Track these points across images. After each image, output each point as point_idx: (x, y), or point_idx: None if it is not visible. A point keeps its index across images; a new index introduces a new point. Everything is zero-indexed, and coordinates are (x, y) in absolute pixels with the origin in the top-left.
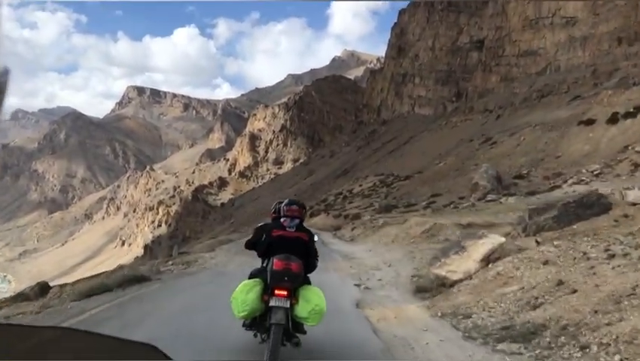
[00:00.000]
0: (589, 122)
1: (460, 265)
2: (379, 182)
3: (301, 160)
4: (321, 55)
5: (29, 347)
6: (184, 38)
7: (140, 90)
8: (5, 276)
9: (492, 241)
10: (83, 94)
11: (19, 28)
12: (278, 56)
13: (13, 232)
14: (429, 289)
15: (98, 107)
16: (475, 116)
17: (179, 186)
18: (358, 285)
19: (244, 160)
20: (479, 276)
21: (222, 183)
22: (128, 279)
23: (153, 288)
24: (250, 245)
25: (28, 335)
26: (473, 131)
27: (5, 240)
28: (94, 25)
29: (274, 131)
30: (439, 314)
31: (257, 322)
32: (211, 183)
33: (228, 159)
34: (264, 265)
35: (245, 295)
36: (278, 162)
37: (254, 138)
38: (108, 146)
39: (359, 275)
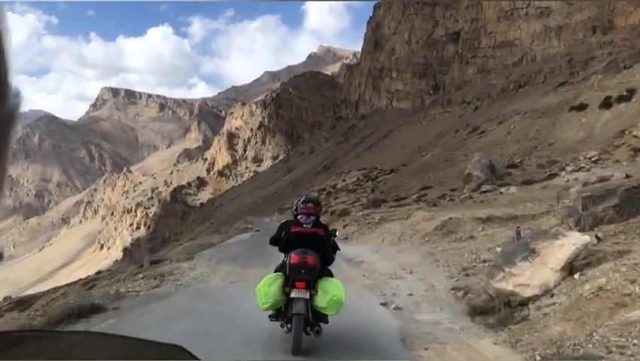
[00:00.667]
0: (582, 107)
1: (534, 276)
2: (362, 176)
3: (280, 157)
4: (298, 51)
5: (57, 353)
6: (158, 38)
7: (115, 91)
8: None
9: (573, 241)
10: (56, 97)
11: None
12: (254, 54)
13: None
14: (491, 310)
15: (72, 110)
16: (453, 108)
17: (157, 188)
18: (384, 304)
19: (222, 159)
20: (565, 291)
21: (201, 183)
22: (70, 312)
23: (101, 327)
24: (273, 241)
25: (55, 341)
26: (451, 123)
27: None
28: (65, 26)
29: (252, 129)
30: (537, 359)
31: (281, 312)
32: (189, 184)
33: (206, 159)
34: (285, 259)
35: (267, 287)
36: (258, 160)
37: (232, 137)
38: (84, 149)
39: (379, 288)
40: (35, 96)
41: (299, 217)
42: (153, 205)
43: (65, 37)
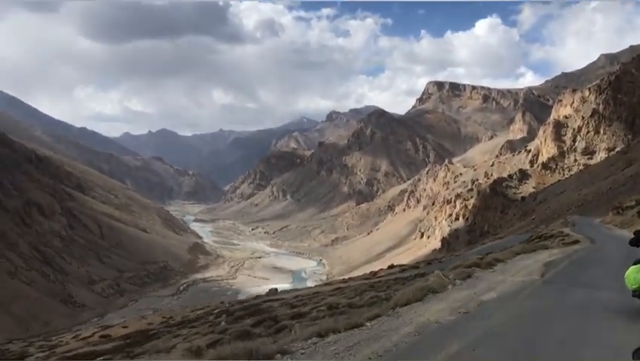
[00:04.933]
0: None
1: None
2: None
3: (617, 148)
4: None
5: None
6: (486, 29)
7: (439, 85)
8: (321, 260)
9: None
10: (388, 93)
11: (334, 38)
12: (590, 36)
13: (327, 221)
14: None
15: (401, 105)
16: None
17: (477, 180)
18: None
19: (547, 151)
20: None
21: (523, 175)
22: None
23: None
24: (634, 242)
25: None
26: None
27: (321, 227)
28: (398, 26)
29: (583, 118)
30: None
31: None
32: (510, 176)
33: (530, 150)
34: None
35: (636, 273)
36: (589, 152)
37: (559, 127)
38: (409, 141)
39: None
40: (371, 93)
41: None
42: (472, 197)
43: (397, 37)
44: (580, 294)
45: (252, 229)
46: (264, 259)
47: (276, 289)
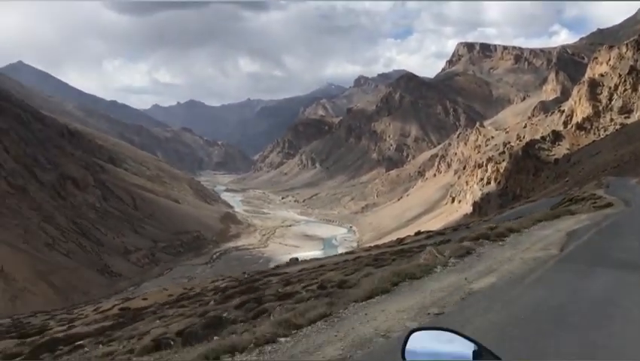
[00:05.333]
0: None
1: None
2: None
3: None
4: None
5: None
6: None
7: (469, 46)
8: (351, 227)
9: None
10: (417, 56)
11: (360, 1)
12: None
13: (357, 188)
14: None
15: (431, 68)
16: None
17: (509, 142)
18: None
19: (582, 111)
20: None
21: (556, 137)
22: None
23: None
24: None
25: None
26: None
27: (350, 195)
28: None
29: (620, 75)
30: None
31: None
32: (543, 138)
33: (563, 111)
34: None
35: None
36: (626, 111)
37: (594, 85)
38: (439, 104)
39: None
40: (400, 57)
41: None
42: (504, 160)
43: None
44: (607, 277)
45: (282, 198)
46: (295, 227)
47: (297, 259)
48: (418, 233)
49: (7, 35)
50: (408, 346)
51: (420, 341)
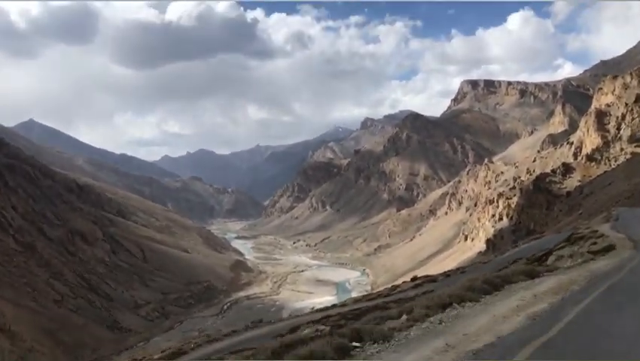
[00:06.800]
0: None
1: None
2: None
3: None
4: None
5: None
6: (519, 23)
7: (474, 84)
8: (364, 269)
9: None
10: (422, 96)
11: (364, 45)
12: (628, 21)
13: (369, 229)
14: None
15: (436, 107)
16: None
17: (519, 177)
18: None
19: (591, 142)
20: None
21: (567, 169)
22: None
23: None
24: None
25: None
26: None
27: (362, 236)
28: (428, 27)
29: (627, 104)
30: None
31: None
32: (554, 171)
33: (572, 143)
34: None
35: None
36: (635, 140)
37: (601, 115)
38: (447, 142)
39: None
40: (405, 97)
41: None
42: (515, 195)
43: (428, 39)
44: None
45: (293, 243)
46: (307, 273)
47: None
48: (414, 279)
49: (18, 94)
50: None
51: None
